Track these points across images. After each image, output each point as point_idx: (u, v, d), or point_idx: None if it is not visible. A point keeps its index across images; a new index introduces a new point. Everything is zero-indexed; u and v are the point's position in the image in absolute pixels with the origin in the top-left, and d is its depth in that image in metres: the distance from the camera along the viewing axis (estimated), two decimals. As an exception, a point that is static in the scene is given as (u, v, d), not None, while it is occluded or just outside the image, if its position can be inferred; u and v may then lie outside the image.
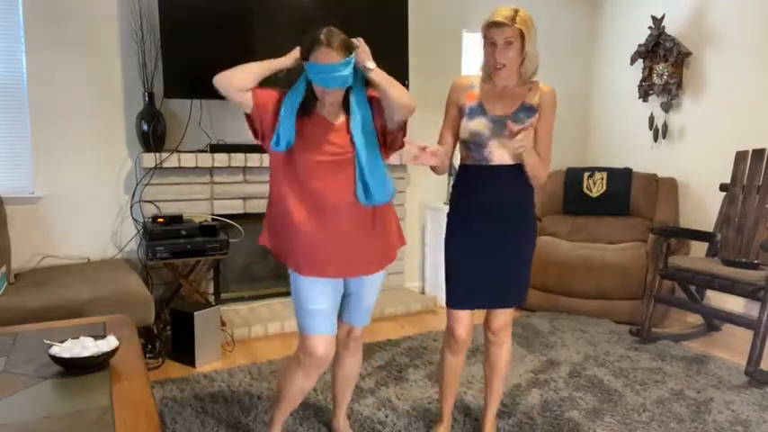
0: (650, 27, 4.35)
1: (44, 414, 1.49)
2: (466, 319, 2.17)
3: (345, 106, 1.97)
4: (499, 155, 2.05)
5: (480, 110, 2.07)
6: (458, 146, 2.19)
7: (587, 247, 4.01)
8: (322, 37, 1.83)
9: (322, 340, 1.97)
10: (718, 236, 3.60)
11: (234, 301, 3.87)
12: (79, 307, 2.67)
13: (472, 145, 2.08)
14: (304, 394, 2.08)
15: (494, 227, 2.09)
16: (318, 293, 1.96)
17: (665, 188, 4.28)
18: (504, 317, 2.22)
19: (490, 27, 1.97)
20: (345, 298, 2.12)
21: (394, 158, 4.08)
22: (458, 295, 2.16)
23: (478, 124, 2.05)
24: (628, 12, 4.71)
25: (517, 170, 2.06)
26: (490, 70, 2.04)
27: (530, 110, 2.05)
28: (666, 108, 4.41)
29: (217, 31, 3.42)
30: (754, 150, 3.61)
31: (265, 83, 1.96)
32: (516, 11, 1.95)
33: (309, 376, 2.02)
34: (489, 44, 2.00)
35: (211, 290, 3.70)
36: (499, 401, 2.39)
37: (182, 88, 3.40)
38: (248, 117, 1.95)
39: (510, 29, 1.93)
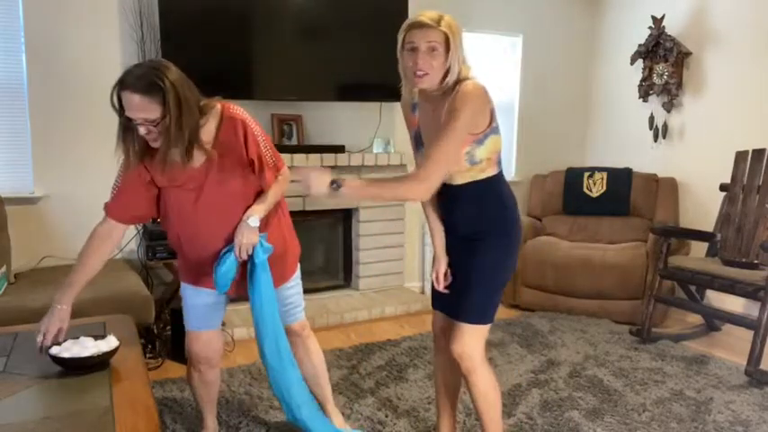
0: (650, 27, 4.34)
1: (44, 414, 1.49)
2: (438, 317, 2.10)
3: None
4: (454, 176, 1.88)
5: (419, 140, 1.92)
6: None
7: (587, 247, 4.01)
8: (124, 76, 1.66)
9: (195, 335, 2.09)
10: (718, 236, 3.60)
11: (234, 301, 3.85)
12: (79, 307, 2.65)
13: None
14: (209, 387, 2.19)
15: (457, 242, 1.98)
16: (195, 295, 2.07)
17: (665, 188, 4.28)
18: (458, 339, 1.89)
19: (411, 29, 1.76)
20: None
21: (394, 158, 4.08)
22: (433, 292, 2.11)
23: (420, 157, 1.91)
24: (628, 12, 4.71)
25: (474, 187, 1.87)
26: (408, 79, 1.82)
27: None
28: (666, 108, 4.40)
29: (217, 32, 3.42)
30: (754, 150, 3.61)
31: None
32: (441, 15, 1.76)
33: (197, 369, 2.13)
34: (408, 50, 1.77)
35: (211, 290, 3.70)
36: None
37: (182, 88, 3.39)
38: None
39: (434, 32, 1.73)
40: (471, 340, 1.89)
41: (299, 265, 2.21)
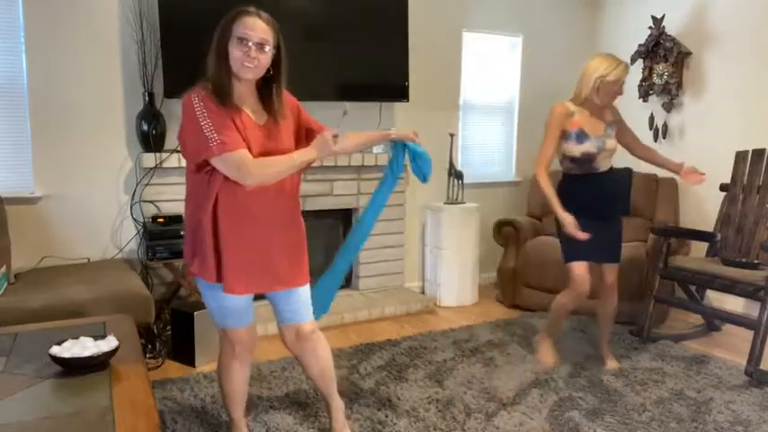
0: (650, 27, 4.34)
1: (44, 414, 1.49)
2: (583, 268, 2.95)
3: (262, 100, 1.99)
4: (602, 164, 2.87)
5: (585, 134, 2.80)
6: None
7: (587, 247, 4.00)
8: (251, 9, 1.91)
9: (248, 330, 2.11)
10: (718, 236, 3.60)
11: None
12: (79, 307, 2.67)
13: (581, 161, 2.84)
14: (246, 372, 2.18)
15: (600, 211, 2.87)
16: (229, 298, 2.01)
17: (665, 188, 4.28)
18: (613, 272, 3.02)
19: (625, 72, 2.75)
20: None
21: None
22: (575, 250, 2.91)
23: (589, 146, 2.80)
24: (628, 12, 4.71)
25: (610, 171, 2.92)
26: (609, 102, 2.83)
27: (610, 126, 2.88)
28: (667, 108, 4.40)
29: (217, 31, 3.41)
30: (754, 150, 3.61)
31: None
32: None
33: (238, 358, 2.11)
34: (620, 84, 2.76)
35: (211, 290, 3.70)
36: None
37: (182, 88, 3.39)
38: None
39: None
40: (615, 277, 3.06)
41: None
